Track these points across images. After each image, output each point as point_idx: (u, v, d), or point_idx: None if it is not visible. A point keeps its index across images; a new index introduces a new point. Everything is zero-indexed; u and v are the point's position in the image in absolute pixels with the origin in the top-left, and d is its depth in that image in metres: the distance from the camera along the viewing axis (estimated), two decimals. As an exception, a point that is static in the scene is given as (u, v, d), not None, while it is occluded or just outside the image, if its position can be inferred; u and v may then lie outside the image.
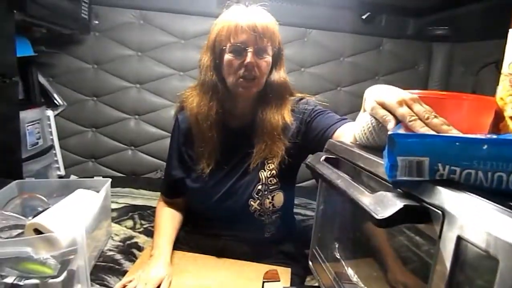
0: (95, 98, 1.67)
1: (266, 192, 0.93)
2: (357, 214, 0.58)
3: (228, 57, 0.86)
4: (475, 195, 0.32)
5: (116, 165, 1.71)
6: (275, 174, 0.93)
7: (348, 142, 0.61)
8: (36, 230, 0.76)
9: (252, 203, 0.93)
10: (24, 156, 1.27)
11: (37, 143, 1.42)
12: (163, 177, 1.11)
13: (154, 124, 1.70)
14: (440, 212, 0.33)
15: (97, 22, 1.60)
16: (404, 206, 0.35)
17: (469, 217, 0.30)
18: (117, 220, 1.17)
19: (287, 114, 0.92)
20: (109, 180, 1.00)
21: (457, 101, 0.52)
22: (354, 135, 0.58)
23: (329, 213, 0.68)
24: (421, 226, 0.37)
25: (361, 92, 0.58)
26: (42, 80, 1.57)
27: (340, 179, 0.48)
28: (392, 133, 0.37)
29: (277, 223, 0.97)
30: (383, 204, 0.36)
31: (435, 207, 0.34)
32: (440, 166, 0.35)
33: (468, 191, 0.33)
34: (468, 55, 1.66)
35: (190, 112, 0.94)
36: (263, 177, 0.93)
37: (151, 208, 1.27)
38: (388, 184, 0.39)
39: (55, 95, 1.60)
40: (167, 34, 1.66)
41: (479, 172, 0.34)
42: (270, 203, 0.94)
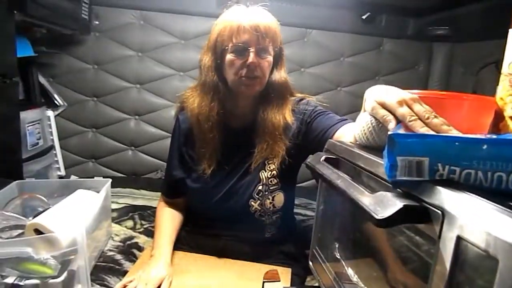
0: (95, 99, 1.67)
1: (266, 193, 0.93)
2: (357, 214, 0.58)
3: (230, 57, 0.86)
4: (474, 195, 0.32)
5: (116, 166, 1.71)
6: (275, 174, 0.93)
7: (348, 142, 0.61)
8: (36, 230, 0.76)
9: (252, 203, 0.93)
10: (24, 156, 1.27)
11: (38, 143, 1.43)
12: (163, 177, 1.11)
13: (155, 124, 1.70)
14: (440, 212, 0.33)
15: (97, 22, 1.60)
16: (404, 206, 0.35)
17: (469, 217, 0.30)
18: (118, 220, 1.17)
19: (288, 114, 0.92)
20: (109, 181, 1.00)
21: (457, 101, 0.52)
22: (354, 135, 0.58)
23: (329, 213, 0.68)
24: (421, 226, 0.37)
25: (361, 92, 0.57)
26: (43, 80, 1.57)
27: (340, 179, 0.48)
28: (392, 133, 0.37)
29: (277, 223, 0.97)
30: (383, 204, 0.36)
31: (435, 207, 0.34)
32: (440, 166, 0.35)
33: (468, 191, 0.33)
34: (468, 55, 1.66)
35: (191, 113, 0.94)
36: (264, 177, 0.93)
37: (151, 208, 1.27)
38: (388, 184, 0.40)
39: (56, 95, 1.60)
40: (167, 35, 1.66)
41: (479, 172, 0.34)
42: (270, 203, 0.94)
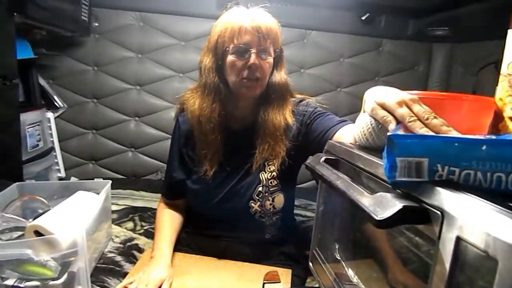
0: (95, 100, 1.68)
1: (266, 194, 0.93)
2: (357, 215, 0.58)
3: (231, 58, 0.86)
4: (474, 195, 0.32)
5: (116, 167, 1.71)
6: (275, 175, 0.93)
7: (348, 143, 0.61)
8: (36, 232, 0.76)
9: (252, 204, 0.93)
10: (24, 158, 1.28)
11: (38, 145, 1.43)
12: (163, 179, 1.11)
13: (154, 125, 1.70)
14: (439, 212, 0.33)
15: (97, 24, 1.60)
16: (404, 207, 0.35)
17: (468, 218, 0.30)
18: (118, 222, 1.17)
19: (288, 114, 0.92)
20: (109, 182, 1.00)
21: (456, 101, 0.52)
22: (354, 136, 0.58)
23: (329, 214, 0.68)
24: (421, 226, 0.37)
25: (361, 93, 0.57)
26: (43, 82, 1.57)
27: (340, 180, 0.48)
28: (391, 134, 0.37)
29: (277, 224, 0.97)
30: (382, 205, 0.36)
31: (434, 208, 0.34)
32: (439, 166, 0.35)
33: (467, 191, 0.33)
34: (468, 55, 1.66)
35: (191, 114, 0.93)
36: (264, 178, 0.93)
37: (151, 209, 1.27)
38: (388, 185, 0.39)
39: (55, 97, 1.61)
40: (167, 36, 1.67)
41: (478, 173, 0.34)
42: (270, 204, 0.94)
